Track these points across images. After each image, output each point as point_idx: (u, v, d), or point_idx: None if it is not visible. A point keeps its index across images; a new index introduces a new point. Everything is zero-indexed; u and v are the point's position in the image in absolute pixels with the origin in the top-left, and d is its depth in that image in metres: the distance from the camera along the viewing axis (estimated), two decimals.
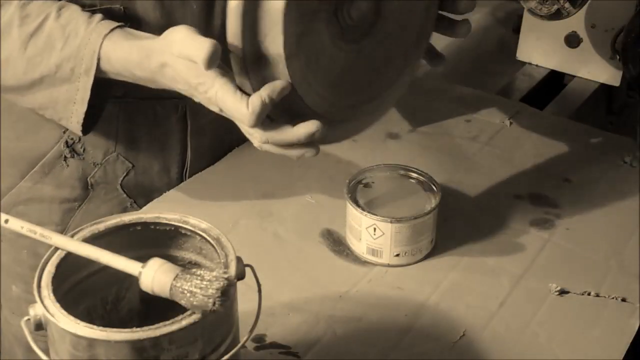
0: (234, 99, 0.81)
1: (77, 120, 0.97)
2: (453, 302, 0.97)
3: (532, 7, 1.35)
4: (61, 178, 1.14)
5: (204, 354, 0.70)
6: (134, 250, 0.77)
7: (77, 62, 0.93)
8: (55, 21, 0.95)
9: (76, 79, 0.94)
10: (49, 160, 1.13)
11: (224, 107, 0.83)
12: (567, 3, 1.31)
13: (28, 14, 0.95)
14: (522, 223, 1.09)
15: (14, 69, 0.96)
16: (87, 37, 0.93)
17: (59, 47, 0.94)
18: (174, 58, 0.85)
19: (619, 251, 1.05)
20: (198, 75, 0.84)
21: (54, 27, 0.94)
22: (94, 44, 0.92)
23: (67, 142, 1.11)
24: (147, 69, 0.90)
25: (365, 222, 1.00)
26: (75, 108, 0.96)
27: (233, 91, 0.82)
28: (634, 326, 0.94)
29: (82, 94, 0.95)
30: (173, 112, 1.12)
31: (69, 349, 0.68)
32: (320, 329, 0.92)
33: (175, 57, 0.85)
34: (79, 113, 0.96)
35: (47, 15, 0.95)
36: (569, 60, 1.52)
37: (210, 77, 0.83)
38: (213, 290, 0.67)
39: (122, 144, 1.12)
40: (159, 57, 0.88)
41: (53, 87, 0.96)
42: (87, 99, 0.95)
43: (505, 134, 1.29)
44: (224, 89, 0.82)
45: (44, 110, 0.99)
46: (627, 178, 1.19)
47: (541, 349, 0.91)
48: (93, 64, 0.93)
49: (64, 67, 0.94)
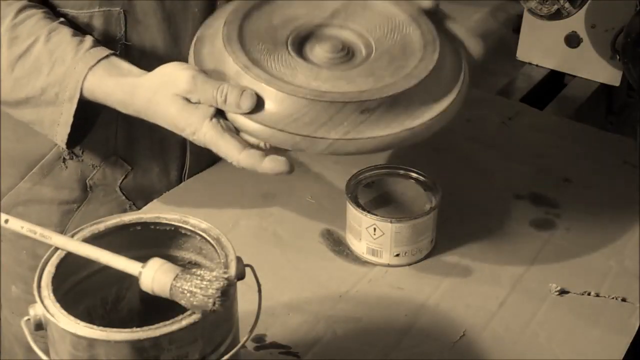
0: (225, 141, 0.84)
1: (62, 140, 0.98)
2: (453, 302, 0.97)
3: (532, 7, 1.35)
4: (60, 180, 1.14)
5: (204, 354, 0.70)
6: (134, 250, 0.77)
7: (62, 88, 0.94)
8: (44, 45, 0.95)
9: (60, 104, 0.95)
10: (48, 162, 1.13)
11: (215, 149, 0.85)
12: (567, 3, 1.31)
13: (17, 36, 0.96)
14: (522, 223, 1.09)
15: (2, 86, 0.97)
16: (73, 66, 0.93)
17: (45, 72, 0.95)
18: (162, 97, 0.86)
19: (619, 251, 1.05)
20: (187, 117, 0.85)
21: (42, 51, 0.95)
22: (79, 74, 0.93)
23: None
24: (130, 107, 0.91)
25: (365, 222, 1.00)
26: (59, 129, 0.97)
27: (222, 133, 0.84)
28: (634, 326, 0.94)
29: (66, 117, 0.96)
30: None
31: (69, 349, 0.68)
32: (320, 329, 0.92)
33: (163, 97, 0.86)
34: (62, 134, 0.97)
35: (36, 38, 0.95)
36: (569, 60, 1.52)
37: (199, 118, 0.84)
38: (213, 290, 0.67)
39: (121, 146, 1.12)
40: (144, 93, 0.88)
41: (39, 107, 0.97)
42: (70, 122, 0.96)
43: (505, 134, 1.29)
44: (214, 131, 0.84)
45: (32, 125, 1.01)
46: (627, 178, 1.19)
47: (541, 349, 0.91)
48: (76, 93, 0.93)
49: (48, 92, 0.95)
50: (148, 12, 1.03)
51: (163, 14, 1.04)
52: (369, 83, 0.87)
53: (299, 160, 1.19)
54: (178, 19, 1.05)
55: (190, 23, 1.05)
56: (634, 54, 1.30)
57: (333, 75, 0.88)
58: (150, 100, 0.88)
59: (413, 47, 0.91)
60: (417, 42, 0.92)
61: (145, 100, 0.88)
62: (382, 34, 0.93)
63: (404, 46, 0.92)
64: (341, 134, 0.84)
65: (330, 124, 0.84)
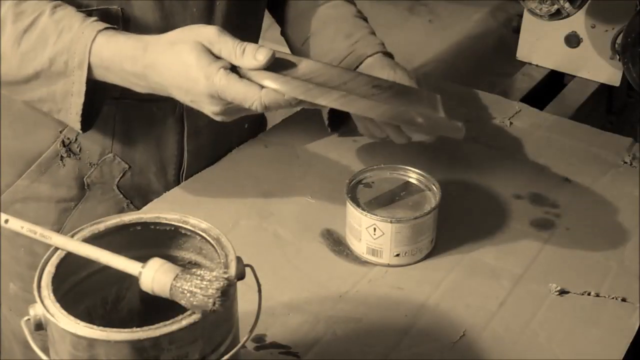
0: (244, 84, 0.88)
1: (77, 112, 0.97)
2: (453, 302, 0.97)
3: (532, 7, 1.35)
4: (58, 177, 1.14)
5: (204, 354, 0.70)
6: (134, 250, 0.77)
7: (70, 55, 0.94)
8: (49, 17, 0.95)
9: (70, 73, 0.95)
10: (45, 160, 1.13)
11: (232, 91, 0.88)
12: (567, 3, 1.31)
13: (22, 11, 0.95)
14: (522, 223, 1.09)
15: (9, 65, 0.97)
16: (80, 31, 0.93)
17: (52, 42, 0.94)
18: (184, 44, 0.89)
19: (619, 251, 1.05)
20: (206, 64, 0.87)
21: (48, 23, 0.95)
22: (87, 37, 0.93)
23: (64, 141, 1.11)
24: (139, 65, 0.91)
25: (365, 222, 1.00)
26: (73, 100, 0.96)
27: (239, 78, 0.88)
28: (634, 326, 0.94)
29: (79, 86, 0.95)
30: (170, 114, 1.12)
31: (69, 349, 0.68)
32: (320, 329, 0.92)
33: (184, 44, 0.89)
34: (77, 104, 0.96)
35: (41, 11, 0.95)
36: (569, 60, 1.52)
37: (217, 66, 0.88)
38: (213, 290, 0.67)
39: (118, 144, 1.12)
40: (160, 46, 0.89)
41: (49, 81, 0.96)
42: (83, 91, 0.95)
43: (505, 134, 1.29)
44: (230, 76, 0.87)
45: (43, 103, 0.99)
46: (627, 178, 1.19)
47: (541, 349, 0.91)
48: (85, 58, 0.93)
49: (57, 61, 0.94)
50: (146, 11, 1.03)
51: (161, 13, 1.03)
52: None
53: (299, 160, 1.19)
54: (177, 19, 1.04)
55: (189, 23, 1.05)
56: (633, 54, 1.31)
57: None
58: (164, 52, 0.90)
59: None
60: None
61: (160, 52, 0.90)
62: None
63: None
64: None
65: (344, 88, 0.92)
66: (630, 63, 1.32)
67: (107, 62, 0.93)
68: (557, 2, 1.32)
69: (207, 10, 1.06)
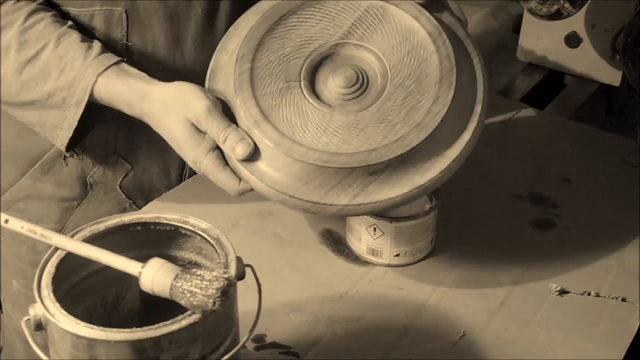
0: (226, 177, 0.88)
1: (62, 143, 1.00)
2: (453, 302, 0.96)
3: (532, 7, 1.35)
4: (60, 177, 1.14)
5: (204, 354, 0.70)
6: (134, 250, 0.77)
7: (70, 93, 0.96)
8: (53, 51, 0.96)
9: (66, 108, 0.97)
10: (48, 159, 1.13)
11: (213, 179, 0.89)
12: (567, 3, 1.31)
13: (27, 40, 0.97)
14: (522, 223, 1.09)
15: (8, 88, 0.99)
16: (82, 72, 0.95)
17: (53, 77, 0.96)
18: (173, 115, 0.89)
19: (619, 251, 1.05)
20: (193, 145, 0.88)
21: (51, 57, 0.96)
22: (88, 80, 0.95)
23: None
24: (136, 109, 0.93)
25: (365, 222, 1.00)
26: (61, 133, 0.99)
27: (223, 168, 0.88)
28: (634, 326, 0.93)
29: (70, 122, 0.98)
30: None
31: (69, 349, 0.68)
32: (320, 329, 0.92)
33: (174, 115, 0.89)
34: (64, 138, 0.99)
35: (45, 43, 0.97)
36: (569, 60, 1.52)
37: (203, 150, 0.88)
38: (213, 290, 0.67)
39: (121, 145, 1.12)
40: (155, 103, 0.91)
41: (43, 110, 0.99)
42: (73, 126, 0.98)
43: (505, 134, 1.29)
44: (214, 165, 0.88)
45: (33, 126, 1.02)
46: (627, 178, 1.19)
47: (541, 349, 0.91)
48: (85, 98, 0.95)
49: (56, 96, 0.97)
50: (151, 12, 1.03)
51: (166, 13, 1.03)
52: (379, 134, 0.86)
53: None
54: (181, 19, 1.05)
55: (193, 23, 1.05)
56: (634, 54, 1.31)
57: (345, 123, 0.87)
58: (159, 112, 0.90)
59: (429, 80, 0.89)
60: (433, 73, 0.89)
61: (155, 109, 0.91)
62: (399, 58, 0.91)
63: (420, 78, 0.90)
64: (350, 199, 0.86)
65: (340, 187, 0.86)
66: (630, 63, 1.32)
67: (106, 101, 0.96)
68: (557, 2, 1.32)
69: (212, 11, 1.06)
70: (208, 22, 1.06)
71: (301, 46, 0.92)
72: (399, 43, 0.92)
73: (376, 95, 0.90)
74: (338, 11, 0.94)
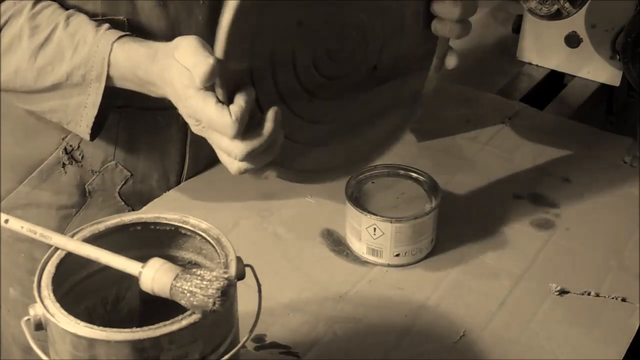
0: (216, 108, 0.81)
1: (87, 124, 0.98)
2: (453, 302, 0.97)
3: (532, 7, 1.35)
4: (59, 184, 1.14)
5: (204, 354, 0.70)
6: (134, 250, 0.77)
7: (88, 69, 0.95)
8: (63, 30, 0.96)
9: (88, 85, 0.96)
10: (47, 167, 1.13)
11: (205, 117, 0.82)
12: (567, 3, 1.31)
13: (38, 25, 0.97)
14: (522, 223, 1.09)
15: (24, 78, 0.98)
16: (95, 44, 0.94)
17: (68, 56, 0.96)
18: (173, 61, 0.85)
19: (619, 251, 1.05)
20: (186, 85, 0.83)
21: (63, 37, 0.96)
22: (103, 51, 0.94)
23: (66, 148, 1.11)
24: (150, 71, 0.91)
25: (365, 222, 1.00)
26: (86, 112, 0.98)
27: (214, 102, 0.81)
28: (634, 326, 0.94)
29: (94, 98, 0.96)
30: (174, 122, 1.12)
31: (69, 349, 0.68)
32: (320, 329, 0.92)
33: (174, 60, 0.85)
34: (89, 117, 0.98)
35: (56, 25, 0.96)
36: (569, 60, 1.52)
37: (194, 89, 0.82)
38: (213, 290, 0.67)
39: (121, 152, 1.12)
40: (163, 58, 0.88)
41: (65, 92, 0.98)
42: (98, 102, 0.96)
43: (505, 134, 1.29)
44: (205, 100, 0.81)
45: (54, 113, 1.01)
46: (627, 178, 1.19)
47: (541, 349, 0.91)
48: (104, 70, 0.94)
49: (75, 75, 0.96)
50: (152, 20, 1.03)
51: (167, 22, 1.04)
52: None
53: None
54: (182, 27, 1.05)
55: (194, 30, 1.05)
56: (634, 54, 1.30)
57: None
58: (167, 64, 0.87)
59: None
60: None
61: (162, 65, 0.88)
62: None
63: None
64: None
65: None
66: (630, 63, 1.32)
67: (123, 71, 0.94)
68: (557, 2, 1.32)
69: (212, 17, 1.06)
70: (209, 29, 1.06)
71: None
72: None
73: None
74: None
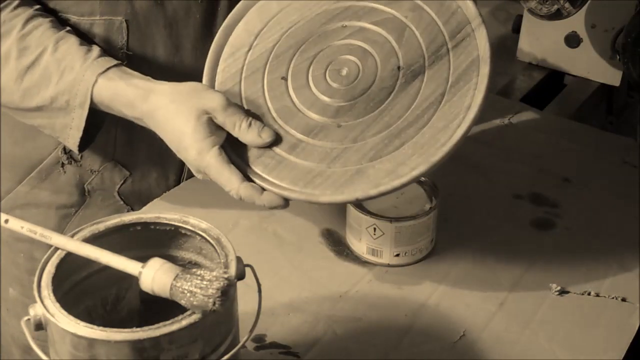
0: (229, 172, 0.87)
1: (74, 142, 0.99)
2: (453, 302, 0.96)
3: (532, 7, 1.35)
4: (58, 184, 1.14)
5: (204, 354, 0.70)
6: (134, 250, 0.77)
7: (72, 96, 0.95)
8: (51, 55, 0.96)
9: (71, 110, 0.96)
10: (46, 166, 1.13)
11: (215, 175, 0.87)
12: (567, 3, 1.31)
13: (26, 47, 0.97)
14: (522, 223, 1.09)
15: (10, 96, 0.99)
16: (81, 73, 0.95)
17: (54, 81, 0.96)
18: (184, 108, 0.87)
19: (619, 251, 1.05)
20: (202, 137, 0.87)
21: (50, 61, 0.96)
22: (88, 81, 0.94)
23: (65, 148, 1.11)
24: (137, 110, 0.92)
25: (365, 222, 1.00)
26: (71, 132, 0.98)
27: (227, 163, 0.87)
28: (634, 326, 0.93)
29: (78, 122, 0.97)
30: None
31: (69, 349, 0.68)
32: (320, 329, 0.92)
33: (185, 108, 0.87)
34: (75, 137, 0.98)
35: (44, 48, 0.96)
36: (569, 60, 1.52)
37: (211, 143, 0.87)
38: (213, 290, 0.67)
39: (120, 152, 1.12)
40: (160, 99, 0.89)
41: (50, 114, 0.98)
42: (82, 126, 0.97)
43: (505, 134, 1.29)
44: (219, 159, 0.87)
45: (43, 128, 1.02)
46: (627, 178, 1.19)
47: (541, 349, 0.91)
48: (87, 99, 0.95)
49: (59, 100, 0.96)
50: (150, 20, 1.03)
51: (165, 21, 1.04)
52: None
53: None
54: (180, 26, 1.05)
55: (192, 30, 1.06)
56: (634, 54, 1.31)
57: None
58: (165, 107, 0.89)
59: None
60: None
61: (161, 104, 0.89)
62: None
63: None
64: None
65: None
66: (630, 63, 1.32)
67: (107, 102, 0.95)
68: (557, 2, 1.32)
69: (209, 17, 1.06)
70: (206, 27, 1.06)
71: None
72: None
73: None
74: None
